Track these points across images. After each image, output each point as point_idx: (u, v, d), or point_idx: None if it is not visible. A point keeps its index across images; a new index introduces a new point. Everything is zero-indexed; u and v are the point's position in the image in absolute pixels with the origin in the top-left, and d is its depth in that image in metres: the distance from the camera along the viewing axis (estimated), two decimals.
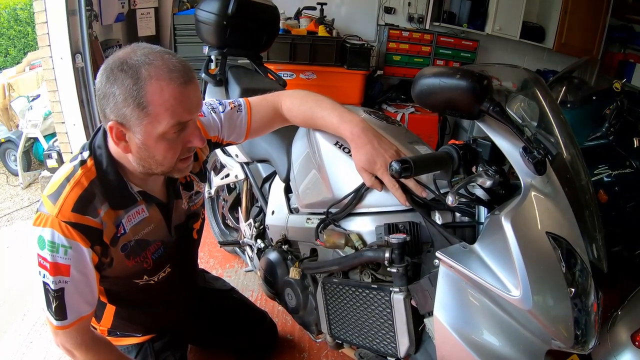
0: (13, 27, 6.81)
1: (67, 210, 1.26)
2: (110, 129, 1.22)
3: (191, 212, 1.66)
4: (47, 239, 1.26)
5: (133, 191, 1.39)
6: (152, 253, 1.52)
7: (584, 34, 5.38)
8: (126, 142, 1.25)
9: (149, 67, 1.16)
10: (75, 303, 1.34)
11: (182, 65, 1.20)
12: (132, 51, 1.19)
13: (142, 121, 1.19)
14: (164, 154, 1.27)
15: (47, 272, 1.28)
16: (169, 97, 1.17)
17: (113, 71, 1.16)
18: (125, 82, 1.15)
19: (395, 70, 5.32)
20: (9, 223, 3.74)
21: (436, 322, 1.23)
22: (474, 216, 1.35)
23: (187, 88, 1.20)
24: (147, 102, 1.16)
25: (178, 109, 1.20)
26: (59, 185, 1.29)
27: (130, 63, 1.16)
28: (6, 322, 2.44)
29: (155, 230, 1.50)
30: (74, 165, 1.32)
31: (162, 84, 1.16)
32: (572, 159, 1.31)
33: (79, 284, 1.33)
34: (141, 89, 1.15)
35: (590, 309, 1.18)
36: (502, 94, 1.33)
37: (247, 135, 1.69)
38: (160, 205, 1.49)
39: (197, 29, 2.74)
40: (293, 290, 1.86)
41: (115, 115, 1.19)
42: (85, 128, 3.40)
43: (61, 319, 1.33)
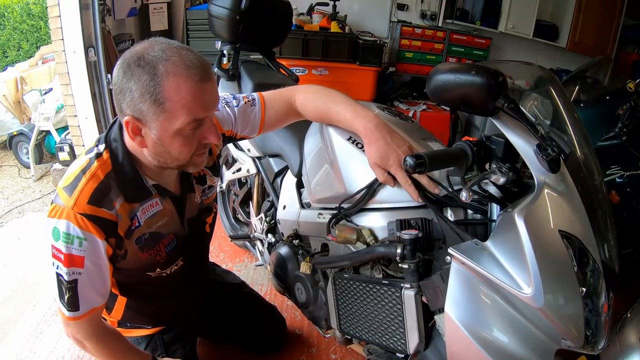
0: (26, 21, 6.84)
1: (82, 202, 1.26)
2: (126, 123, 1.22)
3: (204, 206, 1.66)
4: (62, 230, 1.26)
5: (148, 184, 1.40)
6: (165, 246, 1.52)
7: (598, 33, 5.35)
8: (142, 136, 1.25)
9: (166, 63, 1.15)
10: (88, 294, 1.35)
11: (199, 62, 1.19)
12: (150, 46, 1.18)
13: (158, 117, 1.18)
14: (179, 150, 1.26)
15: (61, 263, 1.28)
16: (185, 94, 1.17)
17: (130, 66, 1.16)
18: (142, 78, 1.15)
19: (407, 67, 5.30)
20: (21, 215, 3.77)
21: (447, 319, 1.23)
22: (487, 213, 1.35)
23: (204, 85, 1.19)
24: (163, 98, 1.16)
25: (195, 106, 1.19)
26: (75, 178, 1.30)
27: (148, 58, 1.15)
28: (17, 312, 2.46)
29: (169, 223, 1.50)
30: (89, 158, 1.33)
31: (179, 81, 1.16)
32: (586, 158, 1.30)
33: (93, 275, 1.33)
34: (158, 85, 1.15)
35: (601, 310, 1.18)
36: (516, 93, 1.32)
37: (261, 129, 1.69)
38: (174, 199, 1.50)
39: (210, 23, 2.74)
40: (303, 285, 1.86)
41: (132, 110, 1.19)
42: (97, 121, 3.42)
43: (73, 309, 1.34)
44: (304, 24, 4.69)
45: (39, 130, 4.40)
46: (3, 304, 2.54)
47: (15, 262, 2.94)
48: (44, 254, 1.35)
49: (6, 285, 2.69)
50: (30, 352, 2.17)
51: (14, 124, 5.00)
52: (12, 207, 3.88)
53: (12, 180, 4.50)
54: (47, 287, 2.63)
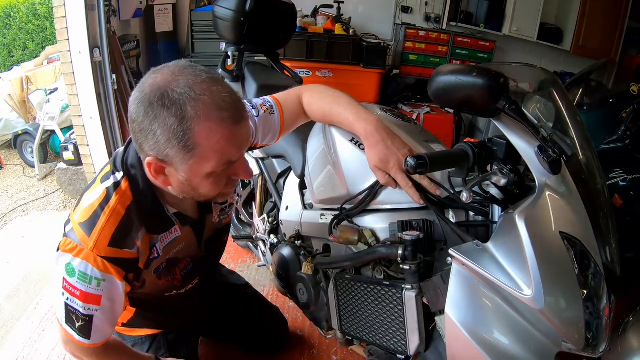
0: (32, 21, 6.87)
1: (103, 244, 1.19)
2: (148, 165, 1.13)
3: (222, 225, 1.64)
4: (78, 269, 1.20)
5: (169, 214, 1.33)
6: (181, 270, 1.49)
7: (602, 36, 5.33)
8: (166, 176, 1.17)
9: (195, 104, 1.03)
10: (102, 327, 1.31)
11: (232, 100, 1.09)
12: (174, 79, 1.05)
13: (187, 162, 1.10)
14: (209, 189, 1.19)
15: (77, 298, 1.23)
16: (219, 139, 1.07)
17: (152, 105, 1.03)
18: (168, 122, 1.03)
19: (411, 70, 5.31)
20: (25, 213, 3.80)
21: (447, 320, 1.23)
22: (488, 215, 1.35)
23: (238, 127, 1.11)
24: (194, 144, 1.06)
25: (228, 149, 1.11)
26: (93, 213, 1.21)
27: (173, 97, 1.03)
28: (20, 310, 2.48)
29: (186, 248, 1.46)
30: (106, 188, 1.24)
31: (212, 126, 1.06)
32: (588, 160, 1.30)
33: (108, 311, 1.29)
34: (188, 130, 1.04)
35: (602, 313, 1.18)
36: (519, 95, 1.32)
37: (280, 134, 1.64)
38: (193, 224, 1.45)
39: (215, 25, 2.75)
40: (305, 286, 1.86)
41: (156, 153, 1.09)
42: (102, 122, 3.43)
43: (85, 337, 1.30)
44: (308, 26, 4.70)
45: (43, 130, 4.43)
46: (6, 301, 2.55)
47: (18, 261, 2.95)
48: (55, 284, 1.28)
49: (9, 283, 2.70)
50: (32, 349, 2.19)
51: (19, 123, 5.02)
52: (16, 206, 3.91)
53: (16, 179, 4.53)
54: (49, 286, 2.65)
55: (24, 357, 2.14)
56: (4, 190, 4.28)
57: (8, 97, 4.88)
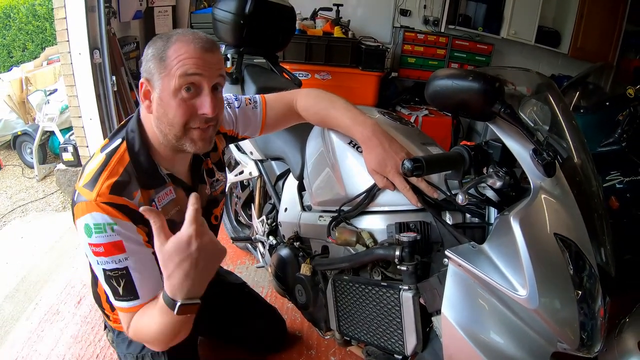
0: (31, 22, 6.87)
1: (105, 193, 1.29)
2: (140, 85, 1.33)
3: (212, 197, 1.70)
4: (91, 224, 1.27)
5: (162, 173, 1.44)
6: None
7: (600, 39, 5.35)
8: (150, 101, 1.34)
9: (180, 35, 1.30)
10: (144, 280, 1.33)
11: (207, 38, 1.33)
12: (174, 29, 1.36)
13: (160, 74, 1.29)
14: (174, 111, 1.31)
15: (103, 256, 1.28)
16: (183, 52, 1.27)
17: (155, 39, 1.33)
18: (157, 43, 1.30)
19: (410, 73, 5.32)
20: (24, 214, 3.80)
21: (444, 320, 1.24)
22: (484, 217, 1.37)
23: (203, 52, 1.29)
24: (166, 56, 1.27)
25: (189, 63, 1.27)
26: (94, 173, 1.32)
27: (170, 33, 1.32)
28: (19, 311, 2.48)
29: (182, 212, 1.49)
30: (106, 154, 1.37)
31: (182, 44, 1.28)
32: (583, 163, 1.32)
33: (138, 256, 1.32)
34: (167, 47, 1.28)
35: (597, 313, 1.19)
36: (516, 98, 1.34)
37: (262, 130, 1.74)
38: (186, 189, 1.52)
39: (215, 27, 2.76)
40: (303, 287, 1.88)
41: (144, 71, 1.32)
42: (102, 123, 3.44)
43: (133, 298, 1.32)
44: (307, 29, 4.71)
45: (43, 131, 4.43)
46: (5, 302, 2.56)
47: (17, 261, 2.96)
48: (86, 257, 1.36)
49: (8, 284, 2.70)
50: (32, 350, 2.19)
51: (18, 124, 5.02)
52: (16, 207, 3.91)
53: (15, 179, 4.53)
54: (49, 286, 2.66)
55: (23, 357, 2.15)
56: (3, 191, 4.28)
57: (7, 98, 4.88)
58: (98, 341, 2.23)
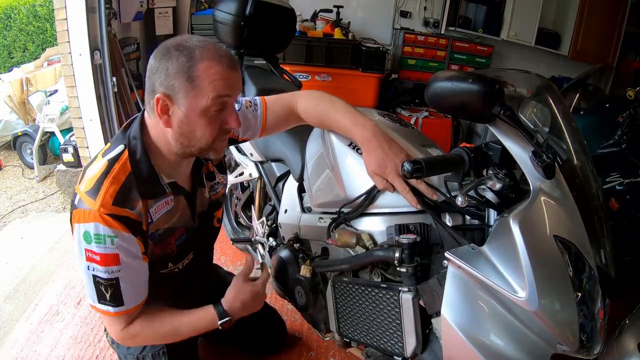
0: (32, 23, 6.87)
1: (108, 204, 1.31)
2: (157, 100, 1.30)
3: (213, 201, 1.72)
4: (92, 232, 1.31)
5: (163, 183, 1.44)
6: (176, 239, 1.56)
7: (600, 41, 5.34)
8: (169, 116, 1.33)
9: (202, 50, 1.28)
10: (131, 290, 1.40)
11: (230, 54, 1.34)
12: (189, 38, 1.32)
13: (188, 93, 1.28)
14: (203, 130, 1.34)
15: (97, 264, 1.33)
16: (214, 74, 1.28)
17: (170, 50, 1.28)
18: (180, 59, 1.27)
19: (410, 74, 5.32)
20: (24, 215, 3.81)
21: (443, 322, 1.24)
22: (484, 219, 1.37)
23: (231, 71, 1.32)
24: (195, 76, 1.27)
25: (220, 85, 1.29)
26: (97, 181, 1.34)
27: (187, 45, 1.28)
28: (19, 311, 2.49)
29: (181, 218, 1.55)
30: (108, 160, 1.37)
31: (212, 63, 1.28)
32: (582, 165, 1.32)
33: (131, 269, 1.38)
34: (193, 65, 1.27)
35: (597, 315, 1.19)
36: (516, 100, 1.34)
37: (262, 132, 1.74)
38: (186, 195, 1.56)
39: (215, 29, 2.76)
40: (303, 288, 1.87)
41: (165, 87, 1.29)
42: (102, 124, 3.45)
43: (117, 305, 1.39)
44: (307, 30, 4.71)
45: (43, 131, 4.43)
46: (5, 302, 2.56)
47: (17, 262, 2.96)
48: (76, 261, 1.40)
49: (8, 284, 2.71)
50: (31, 350, 2.19)
51: (18, 125, 5.03)
52: (16, 207, 3.92)
53: (15, 180, 4.54)
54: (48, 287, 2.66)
55: (22, 358, 2.15)
56: (3, 191, 4.28)
57: (8, 99, 4.88)
58: (98, 342, 2.23)
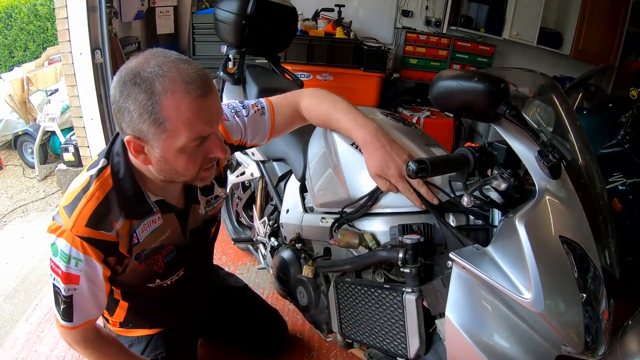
0: (33, 22, 6.86)
1: (80, 225, 1.25)
2: (127, 142, 1.19)
3: (208, 217, 1.65)
4: (60, 249, 1.28)
5: (150, 201, 1.37)
6: (163, 257, 1.50)
7: (602, 41, 5.34)
8: (145, 154, 1.22)
9: (162, 79, 1.10)
10: (83, 308, 1.36)
11: (198, 76, 1.14)
12: (145, 61, 1.13)
13: (159, 136, 1.15)
14: (184, 166, 1.24)
15: (59, 278, 1.30)
16: (186, 111, 1.12)
17: (126, 84, 1.11)
18: (139, 97, 1.10)
19: (411, 74, 5.31)
20: (24, 214, 3.80)
21: (447, 323, 1.24)
22: (488, 219, 1.36)
23: (205, 100, 1.15)
24: (163, 117, 1.12)
25: (197, 123, 1.15)
26: (75, 197, 1.28)
27: (144, 76, 1.10)
28: (19, 311, 2.48)
29: (170, 236, 1.49)
30: (90, 176, 1.30)
31: (178, 98, 1.11)
32: (587, 165, 1.31)
33: (87, 293, 1.34)
34: (156, 104, 1.10)
35: (601, 316, 1.19)
36: (519, 100, 1.33)
37: (270, 136, 1.68)
38: (177, 213, 1.49)
39: (216, 28, 2.75)
40: (305, 289, 1.87)
41: (132, 130, 1.16)
42: (103, 123, 3.45)
43: (68, 320, 1.37)
44: (309, 30, 4.70)
45: (44, 131, 4.42)
46: (5, 302, 2.55)
47: (18, 261, 2.96)
48: (45, 264, 1.40)
49: (8, 284, 2.70)
50: (31, 351, 2.18)
51: (19, 124, 5.01)
52: (16, 207, 3.90)
53: (16, 179, 4.53)
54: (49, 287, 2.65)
55: (22, 358, 2.14)
56: (3, 190, 4.27)
57: (8, 98, 4.87)
58: None
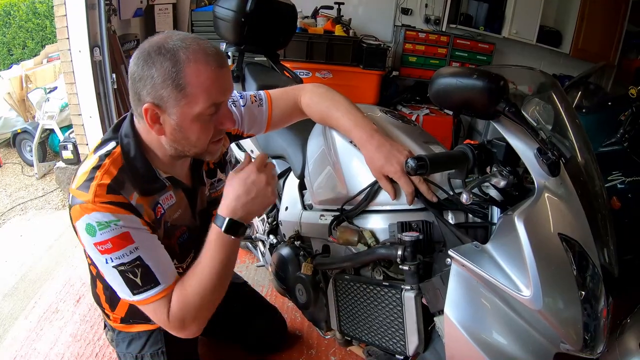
0: (31, 19, 6.85)
1: (102, 194, 1.24)
2: (145, 110, 1.23)
3: (212, 199, 1.67)
4: (94, 222, 1.23)
5: (161, 177, 1.40)
6: (177, 237, 1.53)
7: (601, 39, 5.34)
8: (160, 124, 1.27)
9: (186, 50, 1.19)
10: (159, 261, 1.33)
11: (216, 50, 1.25)
12: (168, 37, 1.22)
13: (179, 102, 1.21)
14: (197, 135, 1.29)
15: (113, 251, 1.25)
16: (205, 79, 1.21)
17: (151, 55, 1.19)
18: (164, 65, 1.18)
19: (411, 72, 5.31)
20: (23, 212, 3.79)
21: (446, 321, 1.24)
22: (487, 217, 1.36)
23: (221, 71, 1.24)
24: (185, 83, 1.19)
25: (213, 90, 1.23)
26: (88, 176, 1.28)
27: (168, 47, 1.19)
28: (18, 309, 2.48)
29: (182, 216, 1.51)
30: (99, 156, 1.32)
31: (200, 67, 1.20)
32: (586, 163, 1.31)
33: (149, 242, 1.32)
34: (180, 71, 1.18)
35: (600, 314, 1.19)
36: (518, 97, 1.33)
37: (268, 128, 1.72)
38: (186, 191, 1.51)
39: (215, 25, 2.75)
40: (304, 286, 1.86)
41: (152, 97, 1.21)
42: (102, 121, 3.44)
43: (154, 285, 1.31)
44: (308, 27, 4.70)
45: (42, 129, 4.41)
46: (4, 300, 2.55)
47: (16, 259, 2.95)
48: (84, 259, 1.36)
49: (7, 282, 2.70)
50: (31, 348, 2.19)
51: (18, 122, 5.01)
52: (15, 205, 3.90)
53: (15, 177, 4.52)
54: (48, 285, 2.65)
55: (22, 356, 2.14)
56: (2, 188, 4.26)
57: (7, 96, 4.87)
58: (97, 340, 2.22)
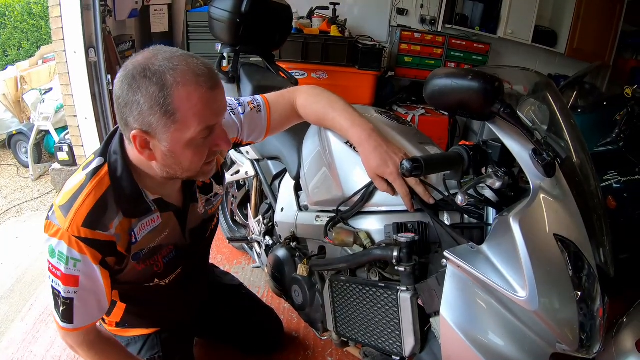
0: (27, 20, 6.84)
1: (77, 225, 1.23)
2: (133, 138, 1.17)
3: (208, 216, 1.64)
4: (57, 250, 1.26)
5: (148, 200, 1.35)
6: (163, 257, 1.50)
7: (597, 39, 5.37)
8: (150, 150, 1.21)
9: (174, 72, 1.11)
10: (84, 310, 1.34)
11: (207, 70, 1.16)
12: (153, 56, 1.13)
13: (169, 129, 1.15)
14: (191, 160, 1.23)
15: (58, 280, 1.28)
16: (197, 102, 1.13)
17: (135, 78, 1.11)
18: (150, 89, 1.10)
19: (406, 72, 5.33)
20: (19, 214, 3.77)
21: (442, 322, 1.23)
22: (483, 218, 1.36)
23: (214, 92, 1.16)
24: (174, 108, 1.12)
25: (206, 114, 1.16)
26: (71, 196, 1.26)
27: (154, 69, 1.10)
28: (14, 311, 2.47)
29: (169, 236, 1.48)
30: (86, 174, 1.29)
31: (190, 89, 1.12)
32: (582, 163, 1.31)
33: (88, 294, 1.32)
34: (168, 95, 1.10)
35: (596, 314, 1.19)
36: (514, 98, 1.33)
37: (267, 134, 1.67)
38: (176, 211, 1.47)
39: (211, 26, 2.75)
40: (300, 288, 1.87)
41: (140, 124, 1.14)
42: (97, 122, 3.43)
43: (68, 322, 1.34)
44: (303, 28, 4.70)
45: (38, 130, 4.39)
46: (0, 302, 2.54)
47: (12, 261, 2.94)
48: (43, 266, 1.35)
49: (3, 285, 2.69)
50: (27, 351, 2.18)
51: (13, 123, 4.98)
52: (10, 206, 3.88)
53: (10, 179, 4.50)
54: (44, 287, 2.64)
55: (18, 358, 2.13)
56: None
57: (2, 97, 4.85)
58: None
